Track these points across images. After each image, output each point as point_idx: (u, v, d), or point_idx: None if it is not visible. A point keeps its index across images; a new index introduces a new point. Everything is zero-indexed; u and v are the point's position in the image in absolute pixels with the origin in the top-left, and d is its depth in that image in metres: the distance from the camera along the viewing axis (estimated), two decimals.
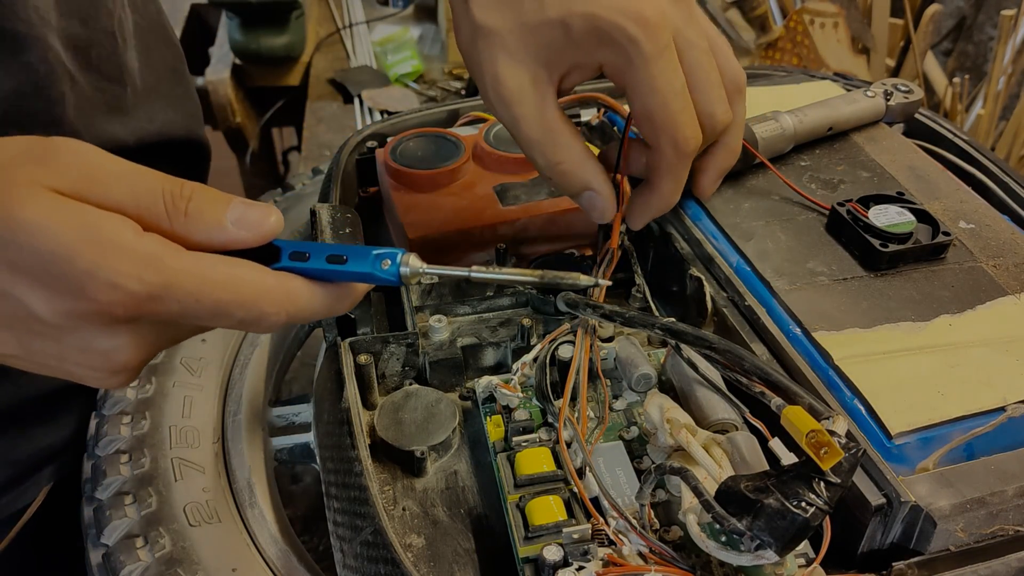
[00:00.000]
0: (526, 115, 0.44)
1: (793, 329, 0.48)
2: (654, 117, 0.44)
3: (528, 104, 0.44)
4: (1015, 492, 0.40)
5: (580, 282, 0.41)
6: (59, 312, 0.33)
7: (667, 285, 0.58)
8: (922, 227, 0.52)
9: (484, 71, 0.45)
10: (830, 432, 0.35)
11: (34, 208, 0.31)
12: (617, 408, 0.48)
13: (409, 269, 0.37)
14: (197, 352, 0.63)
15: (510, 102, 0.44)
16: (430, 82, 1.52)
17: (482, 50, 0.44)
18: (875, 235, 0.51)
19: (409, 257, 0.37)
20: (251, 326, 0.36)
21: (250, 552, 0.52)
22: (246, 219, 0.35)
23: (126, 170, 0.34)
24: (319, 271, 0.37)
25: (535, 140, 0.45)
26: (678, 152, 0.45)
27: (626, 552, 0.38)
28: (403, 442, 0.47)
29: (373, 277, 0.37)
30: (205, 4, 1.64)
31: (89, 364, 0.35)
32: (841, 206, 0.53)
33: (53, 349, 0.35)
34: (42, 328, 0.34)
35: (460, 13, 0.46)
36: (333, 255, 0.37)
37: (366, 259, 0.37)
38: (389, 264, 0.37)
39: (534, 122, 0.45)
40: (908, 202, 0.54)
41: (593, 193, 0.47)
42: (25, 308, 0.33)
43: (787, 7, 1.63)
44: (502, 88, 0.44)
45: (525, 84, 0.44)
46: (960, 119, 1.52)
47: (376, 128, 0.69)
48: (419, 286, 0.55)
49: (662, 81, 0.43)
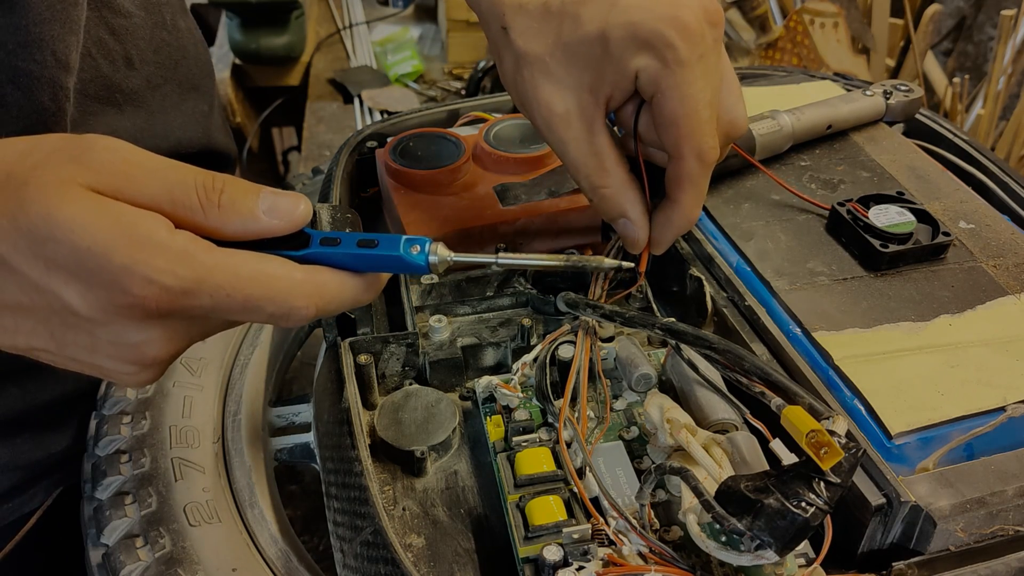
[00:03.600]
0: (575, 139, 0.45)
1: (793, 329, 0.48)
2: (680, 124, 0.43)
3: (575, 129, 0.45)
4: (1015, 492, 0.40)
5: (604, 264, 0.43)
6: (94, 306, 0.34)
7: (667, 285, 0.58)
8: (922, 227, 0.52)
9: (531, 97, 0.45)
10: (830, 432, 0.35)
11: (71, 206, 0.32)
12: (617, 408, 0.48)
13: (437, 257, 0.38)
14: (197, 352, 0.63)
15: (558, 127, 0.45)
16: (430, 82, 1.52)
17: (527, 79, 0.45)
18: (875, 235, 0.51)
19: (437, 246, 0.38)
20: (281, 320, 0.36)
21: (250, 552, 0.52)
22: (277, 208, 0.36)
23: (160, 165, 0.35)
24: (350, 256, 0.37)
25: (581, 163, 0.46)
26: (702, 162, 0.44)
27: (626, 552, 0.38)
28: (403, 442, 0.47)
29: (402, 262, 0.38)
30: (205, 4, 1.64)
31: (120, 357, 0.36)
32: (841, 206, 0.53)
33: (85, 342, 0.36)
34: (76, 321, 0.35)
35: (502, 44, 0.47)
36: (364, 240, 0.37)
37: (396, 244, 0.37)
38: (418, 250, 0.38)
39: (582, 146, 0.45)
40: (908, 202, 0.54)
41: (628, 221, 0.47)
42: (61, 302, 0.34)
43: (787, 7, 1.63)
44: (550, 114, 0.45)
45: (572, 109, 0.45)
46: (960, 119, 1.52)
47: (376, 128, 0.69)
48: (419, 286, 0.55)
49: (696, 88, 0.43)
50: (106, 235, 0.32)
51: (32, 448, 0.63)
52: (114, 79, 0.63)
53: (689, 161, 0.44)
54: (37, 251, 0.33)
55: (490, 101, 0.74)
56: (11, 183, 0.33)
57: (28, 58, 0.52)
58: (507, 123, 0.64)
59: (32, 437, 0.63)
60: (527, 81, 0.45)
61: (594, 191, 0.47)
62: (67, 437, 0.64)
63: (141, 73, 0.66)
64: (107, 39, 0.62)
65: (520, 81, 0.46)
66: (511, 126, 0.64)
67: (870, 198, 0.54)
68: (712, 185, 0.58)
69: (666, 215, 0.47)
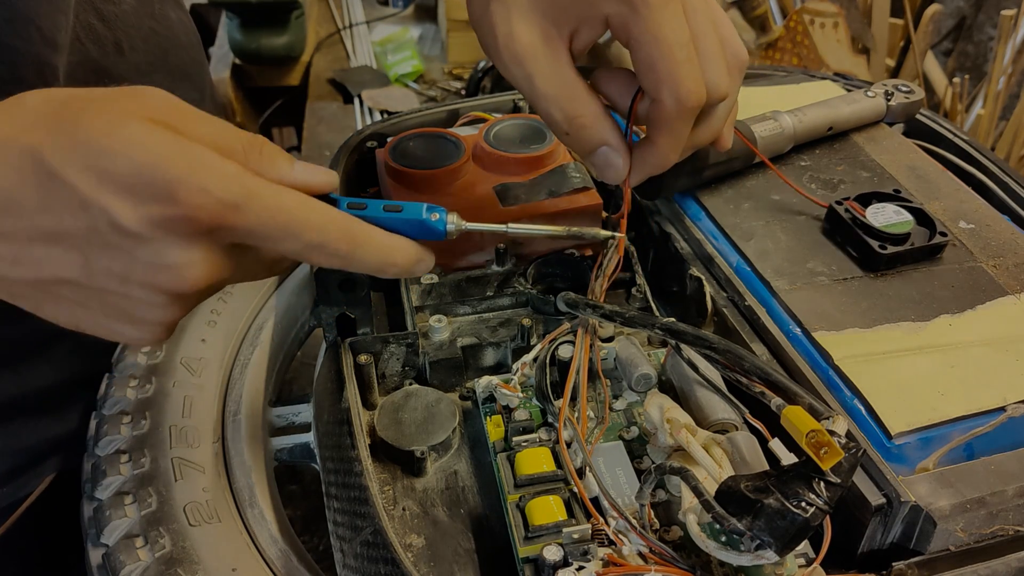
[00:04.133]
0: (541, 71, 0.45)
1: (793, 329, 0.48)
2: (657, 67, 0.43)
3: (542, 60, 0.45)
4: (1015, 492, 0.40)
5: (600, 235, 0.47)
6: (144, 218, 0.34)
7: (667, 285, 0.58)
8: (919, 227, 0.52)
9: (497, 32, 0.45)
10: (830, 432, 0.35)
11: (131, 127, 0.34)
12: (617, 408, 0.48)
13: (453, 225, 0.42)
14: (197, 352, 0.63)
15: (524, 58, 0.45)
16: (430, 82, 1.52)
17: (495, 12, 0.45)
18: (873, 236, 0.51)
19: (453, 215, 0.42)
20: (314, 253, 0.38)
21: (250, 552, 0.52)
22: (310, 168, 0.40)
23: (207, 115, 0.37)
24: (376, 219, 0.40)
25: (552, 95, 0.45)
26: (679, 105, 0.44)
27: (626, 552, 0.38)
28: (403, 442, 0.47)
29: (424, 226, 0.41)
30: (205, 4, 1.63)
31: (154, 284, 0.37)
32: (839, 204, 0.53)
33: (120, 267, 0.36)
34: (118, 240, 0.35)
35: None
36: (389, 205, 0.41)
37: (419, 210, 0.41)
38: (437, 217, 0.42)
39: (550, 77, 0.45)
40: (905, 200, 0.53)
41: (608, 149, 0.46)
42: (107, 217, 0.34)
43: (787, 7, 1.63)
44: (516, 44, 0.45)
45: (537, 40, 0.45)
46: (960, 119, 1.52)
47: (376, 128, 0.69)
48: (419, 286, 0.55)
49: (667, 30, 0.42)
50: (163, 151, 0.34)
51: (28, 433, 0.63)
52: (103, 64, 0.63)
53: (667, 104, 0.44)
54: (91, 163, 0.34)
55: (490, 101, 0.74)
56: (70, 107, 0.35)
57: (12, 33, 0.53)
58: (507, 123, 0.64)
59: (27, 422, 0.63)
60: (494, 15, 0.45)
61: (570, 122, 0.46)
62: (63, 424, 0.65)
63: (130, 60, 0.66)
64: (96, 25, 0.62)
65: (486, 16, 0.45)
66: (511, 126, 0.64)
67: (868, 196, 0.54)
68: (712, 185, 0.58)
69: (640, 154, 0.47)
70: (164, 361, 0.62)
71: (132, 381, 0.60)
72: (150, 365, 0.61)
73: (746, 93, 0.57)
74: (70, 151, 0.34)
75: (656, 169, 0.47)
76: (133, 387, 0.60)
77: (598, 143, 0.46)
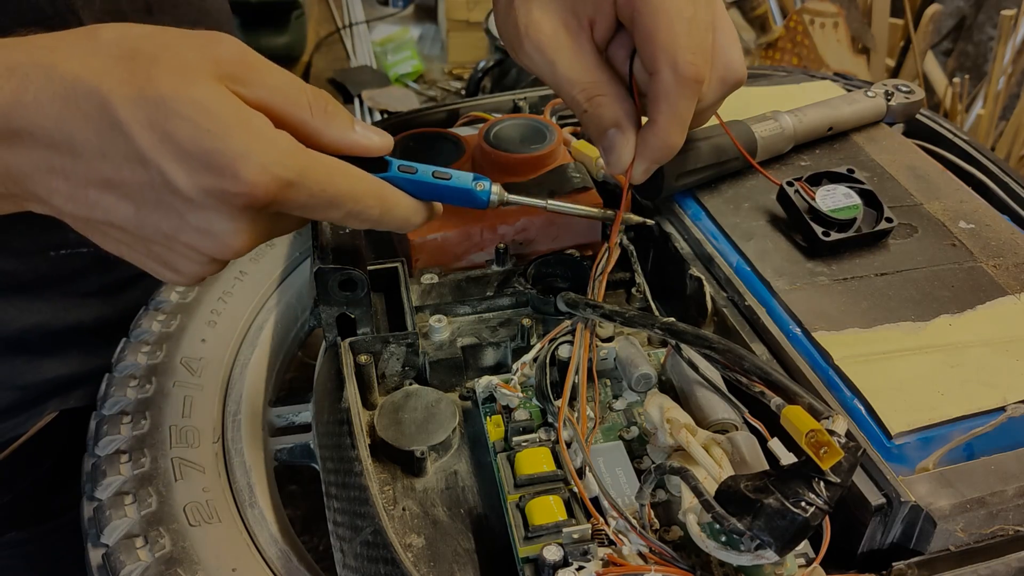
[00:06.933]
0: (563, 57, 0.47)
1: (793, 329, 0.48)
2: (656, 37, 0.43)
3: (564, 47, 0.47)
4: (1015, 492, 0.40)
5: (632, 219, 0.53)
6: (199, 187, 0.35)
7: (667, 285, 0.58)
8: (868, 211, 0.51)
9: (519, 23, 0.47)
10: (830, 432, 0.35)
11: (199, 89, 0.35)
12: (617, 408, 0.48)
13: (497, 196, 0.45)
14: (197, 352, 0.63)
15: (545, 46, 0.47)
16: (430, 82, 1.52)
17: (517, 7, 0.47)
18: (819, 221, 0.50)
19: (497, 186, 0.45)
20: (350, 219, 0.40)
21: (250, 552, 0.52)
22: (369, 129, 0.41)
23: (276, 67, 0.38)
24: (423, 184, 0.43)
25: (575, 77, 0.47)
26: (677, 76, 0.44)
27: (626, 552, 0.38)
28: (403, 442, 0.47)
29: (471, 194, 0.44)
30: None
31: (199, 245, 0.38)
32: (790, 185, 0.52)
33: (170, 225, 0.37)
34: (172, 201, 0.36)
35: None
36: (439, 172, 0.43)
37: (467, 179, 0.44)
38: (483, 187, 0.45)
39: (572, 62, 0.47)
40: (857, 181, 0.53)
41: (616, 131, 0.47)
42: (163, 178, 0.35)
43: (787, 7, 1.63)
44: (538, 34, 0.47)
45: (558, 28, 0.47)
46: (960, 119, 1.52)
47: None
48: (419, 286, 0.55)
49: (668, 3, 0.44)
50: (227, 120, 0.34)
51: (30, 371, 0.64)
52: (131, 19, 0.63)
53: (664, 74, 0.44)
54: (157, 122, 0.34)
55: (490, 101, 0.74)
56: (140, 58, 0.35)
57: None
58: (507, 123, 0.64)
59: (30, 361, 0.64)
60: (517, 9, 0.47)
61: (590, 101, 0.47)
62: (66, 364, 0.65)
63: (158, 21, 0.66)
64: None
65: (511, 12, 0.48)
66: (511, 126, 0.64)
67: (819, 176, 0.53)
68: (712, 185, 0.58)
69: (643, 137, 0.47)
70: (164, 361, 0.62)
71: (132, 381, 0.60)
72: (150, 365, 0.61)
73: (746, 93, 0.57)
74: (137, 106, 0.34)
75: (659, 153, 0.47)
76: (133, 387, 0.60)
77: (612, 122, 0.47)
